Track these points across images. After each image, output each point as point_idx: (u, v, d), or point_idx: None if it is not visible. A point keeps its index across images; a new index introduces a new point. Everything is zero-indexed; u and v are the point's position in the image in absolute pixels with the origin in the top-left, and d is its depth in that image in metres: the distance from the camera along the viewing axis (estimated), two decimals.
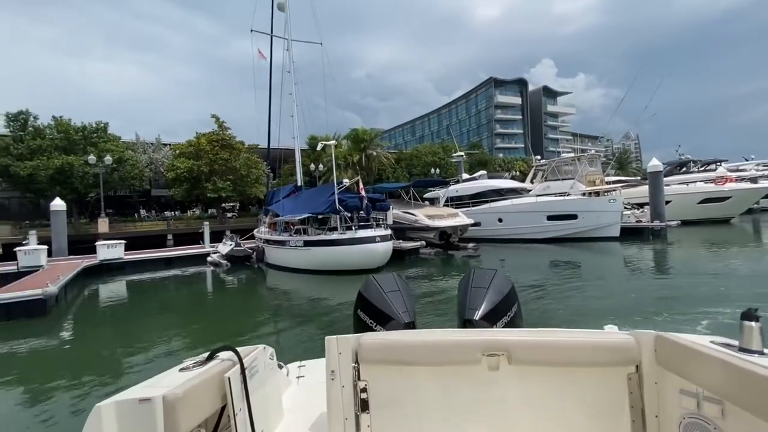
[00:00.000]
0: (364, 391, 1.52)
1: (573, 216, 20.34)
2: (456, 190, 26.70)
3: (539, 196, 22.75)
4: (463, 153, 35.60)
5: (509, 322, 2.02)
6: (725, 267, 12.11)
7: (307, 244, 14.78)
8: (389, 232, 15.17)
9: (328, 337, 1.57)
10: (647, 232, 20.29)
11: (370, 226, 14.83)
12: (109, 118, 28.87)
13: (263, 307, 11.09)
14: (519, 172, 43.47)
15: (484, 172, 31.03)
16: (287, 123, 21.33)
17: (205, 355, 1.55)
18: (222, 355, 1.55)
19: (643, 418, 1.39)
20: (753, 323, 1.16)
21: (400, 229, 18.60)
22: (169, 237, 26.79)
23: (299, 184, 21.06)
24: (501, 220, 22.83)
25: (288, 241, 15.71)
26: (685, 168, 31.58)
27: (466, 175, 30.65)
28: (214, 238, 22.18)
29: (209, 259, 18.52)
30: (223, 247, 18.89)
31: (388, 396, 1.53)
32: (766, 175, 31.74)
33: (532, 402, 1.48)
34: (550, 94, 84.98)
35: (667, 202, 22.36)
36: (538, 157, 36.52)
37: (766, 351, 1.14)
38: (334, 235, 14.25)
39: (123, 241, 17.98)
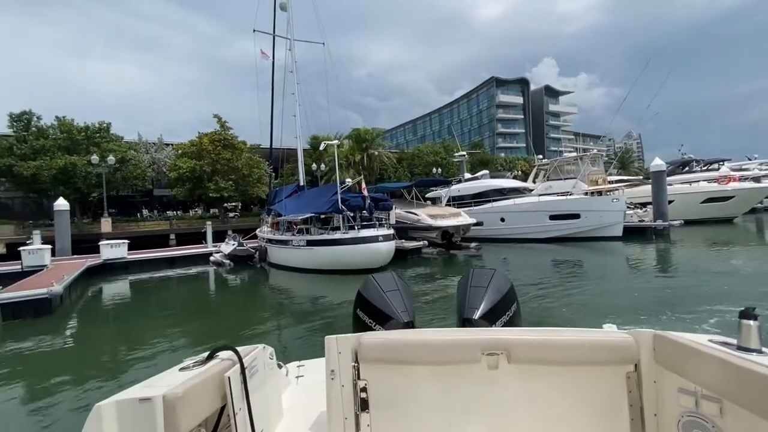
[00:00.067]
0: (364, 390, 1.52)
1: (575, 215, 20.29)
2: (458, 189, 26.69)
3: (541, 195, 22.69)
4: (465, 153, 35.58)
5: (508, 321, 2.03)
6: (729, 266, 12.06)
7: (309, 244, 14.80)
8: (392, 231, 15.17)
9: (328, 336, 1.58)
10: (650, 231, 20.24)
11: (372, 226, 14.83)
12: (109, 118, 29.07)
13: (266, 307, 11.11)
14: (521, 172, 43.36)
15: (486, 172, 31.00)
16: (289, 123, 21.37)
17: (205, 354, 1.55)
18: (222, 354, 1.55)
19: (642, 416, 1.39)
20: (751, 322, 1.17)
21: (402, 229, 18.60)
22: (172, 237, 26.90)
23: (302, 183, 21.07)
24: (503, 220, 22.80)
25: (291, 241, 15.74)
26: (688, 167, 31.47)
27: (468, 175, 30.61)
28: (216, 237, 22.23)
29: (212, 258, 18.57)
30: (226, 246, 18.93)
31: (388, 395, 1.53)
32: None
33: (532, 400, 1.48)
34: (552, 93, 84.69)
35: (670, 202, 22.27)
36: (540, 156, 36.44)
37: (765, 349, 1.15)
38: (337, 235, 14.25)
39: (126, 241, 18.04)
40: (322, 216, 15.80)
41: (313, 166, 30.47)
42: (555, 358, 1.44)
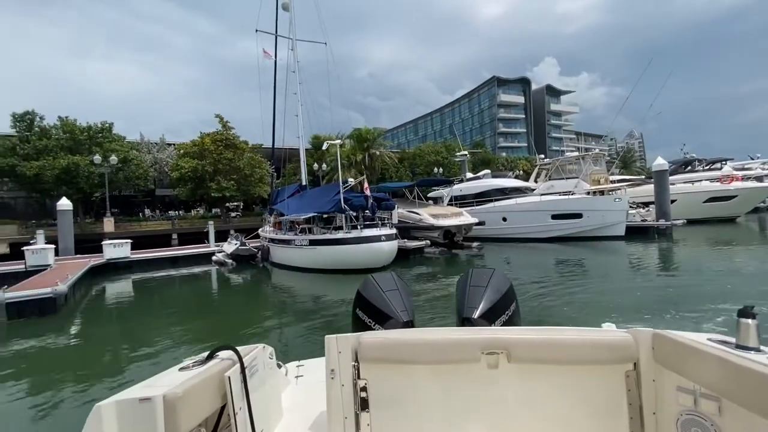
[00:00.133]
0: (364, 390, 1.53)
1: (578, 215, 20.25)
2: (460, 189, 26.68)
3: (543, 195, 22.64)
4: (466, 152, 35.55)
5: (507, 320, 2.03)
6: (731, 265, 12.04)
7: (312, 243, 14.82)
8: (394, 231, 15.18)
9: (328, 336, 1.58)
10: (653, 231, 20.19)
11: (375, 225, 14.83)
12: (110, 119, 29.21)
13: (268, 306, 11.14)
14: (522, 172, 43.28)
15: (488, 171, 30.99)
16: (291, 122, 21.39)
17: (205, 354, 1.55)
18: (222, 354, 1.55)
19: (641, 415, 1.40)
20: (749, 320, 1.17)
21: (404, 228, 18.61)
22: (174, 236, 26.97)
23: (304, 183, 21.10)
24: (505, 219, 22.77)
25: (293, 240, 15.77)
26: (690, 167, 31.38)
27: (470, 175, 30.60)
28: (217, 237, 22.26)
29: (214, 258, 18.62)
30: (229, 246, 18.98)
31: (388, 395, 1.53)
32: None
33: (531, 399, 1.49)
34: (553, 92, 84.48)
35: (673, 201, 22.22)
36: (542, 156, 36.34)
37: (763, 348, 1.15)
38: (340, 234, 14.27)
39: (129, 241, 18.11)
40: (325, 216, 15.83)
41: (315, 165, 30.49)
42: (554, 357, 1.45)
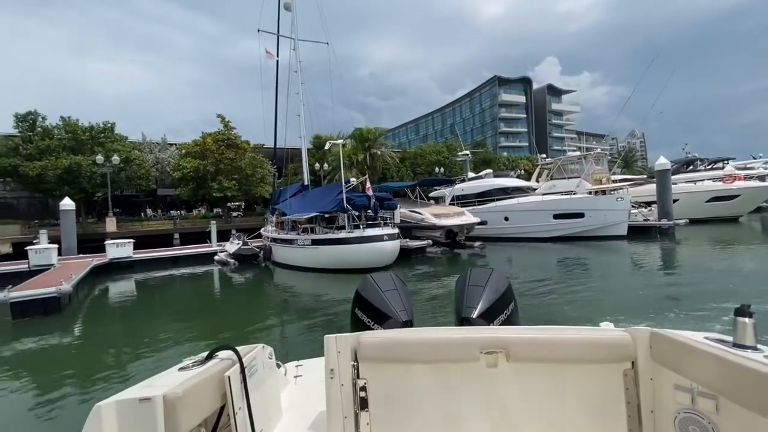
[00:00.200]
0: (363, 389, 1.53)
1: (580, 215, 20.22)
2: (462, 188, 26.67)
3: (545, 194, 22.61)
4: (468, 152, 35.52)
5: (506, 319, 2.05)
6: (733, 264, 12.02)
7: (315, 243, 14.83)
8: (397, 230, 15.18)
9: (327, 335, 1.59)
10: (655, 230, 20.15)
11: (377, 225, 14.83)
12: (111, 119, 29.22)
13: (270, 306, 11.17)
14: (524, 171, 43.23)
15: (489, 171, 30.95)
16: (293, 122, 21.42)
17: (205, 354, 1.56)
18: (221, 354, 1.55)
19: (638, 413, 1.41)
20: (746, 319, 1.18)
21: (406, 228, 18.61)
22: (176, 236, 26.98)
23: (306, 183, 21.13)
24: (507, 219, 22.75)
25: (296, 240, 15.78)
26: (693, 166, 31.30)
27: (471, 174, 30.59)
28: (219, 237, 22.28)
29: (216, 257, 18.64)
30: (231, 245, 19.01)
31: (388, 394, 1.54)
32: None
33: (530, 398, 1.50)
34: (555, 92, 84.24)
35: (675, 201, 22.17)
36: (544, 155, 36.29)
37: (760, 346, 1.16)
38: (342, 234, 14.28)
39: (132, 240, 18.13)
40: (327, 215, 15.85)
41: (316, 165, 30.51)
42: (553, 356, 1.46)
